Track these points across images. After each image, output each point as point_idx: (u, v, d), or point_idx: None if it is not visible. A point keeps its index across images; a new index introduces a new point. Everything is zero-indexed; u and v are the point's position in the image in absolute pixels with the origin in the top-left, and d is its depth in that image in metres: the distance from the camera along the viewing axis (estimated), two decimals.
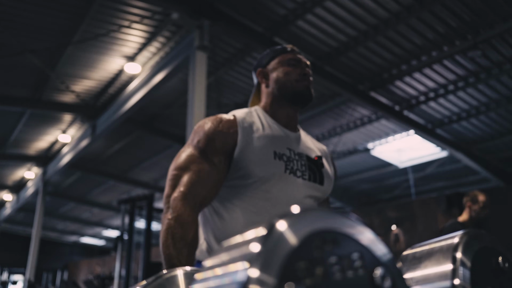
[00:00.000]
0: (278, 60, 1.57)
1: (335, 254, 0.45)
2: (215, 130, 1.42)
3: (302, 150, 1.54)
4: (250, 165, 1.39)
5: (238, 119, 1.46)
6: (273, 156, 1.41)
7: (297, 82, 1.53)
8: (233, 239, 0.47)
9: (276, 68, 1.56)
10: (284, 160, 1.43)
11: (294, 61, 1.56)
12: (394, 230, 9.29)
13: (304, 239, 0.43)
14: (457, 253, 0.66)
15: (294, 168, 1.45)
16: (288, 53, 1.57)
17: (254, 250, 0.41)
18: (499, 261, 0.69)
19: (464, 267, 0.65)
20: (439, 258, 0.67)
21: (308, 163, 1.51)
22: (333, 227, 0.47)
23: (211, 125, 1.44)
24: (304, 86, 1.54)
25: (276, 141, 1.46)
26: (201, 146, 1.40)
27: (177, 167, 1.37)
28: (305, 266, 0.42)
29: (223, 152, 1.40)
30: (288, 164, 1.44)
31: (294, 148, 1.51)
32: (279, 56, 1.57)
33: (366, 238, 0.49)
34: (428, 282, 0.66)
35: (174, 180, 1.34)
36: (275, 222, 0.44)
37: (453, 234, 0.70)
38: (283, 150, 1.46)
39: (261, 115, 1.55)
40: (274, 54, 1.59)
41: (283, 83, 1.54)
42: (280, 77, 1.54)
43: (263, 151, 1.41)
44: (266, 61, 1.60)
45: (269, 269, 0.40)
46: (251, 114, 1.53)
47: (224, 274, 0.42)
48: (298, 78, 1.53)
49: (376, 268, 0.47)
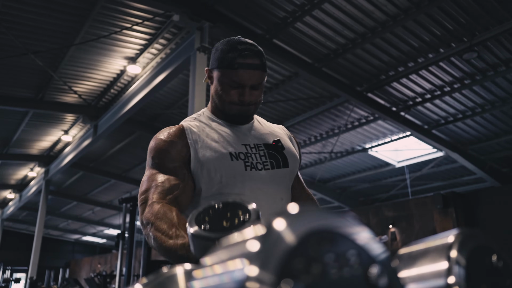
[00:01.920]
0: (221, 73, 1.42)
1: (332, 252, 0.45)
2: (165, 142, 1.40)
3: (258, 140, 1.50)
4: (210, 173, 1.37)
5: (185, 128, 1.44)
6: (230, 158, 1.39)
7: (231, 105, 1.45)
8: (232, 238, 0.48)
9: (217, 82, 1.45)
10: (242, 158, 1.41)
11: (236, 84, 1.41)
12: (391, 229, 9.38)
13: (302, 238, 0.44)
14: (452, 251, 0.66)
15: (254, 163, 1.42)
16: (233, 71, 1.39)
17: (253, 248, 0.42)
18: (494, 259, 0.70)
19: (459, 265, 0.64)
20: (435, 256, 0.67)
21: (267, 150, 1.48)
22: (331, 226, 0.47)
23: (160, 138, 1.41)
24: (237, 110, 1.45)
25: (229, 141, 1.44)
26: (157, 161, 1.37)
27: (142, 192, 1.31)
28: (302, 264, 0.42)
29: (180, 159, 1.38)
30: (247, 161, 1.41)
31: (250, 141, 1.47)
32: (224, 69, 1.41)
33: (362, 237, 0.49)
34: (423, 281, 0.66)
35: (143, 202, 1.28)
36: (274, 221, 0.44)
37: (448, 232, 0.70)
38: (238, 148, 1.43)
39: (209, 116, 1.53)
40: (222, 63, 1.42)
41: (218, 100, 1.47)
42: (218, 93, 1.46)
43: (219, 156, 1.38)
44: (214, 65, 1.45)
45: (267, 267, 0.40)
46: (199, 120, 1.51)
47: (223, 272, 0.43)
48: (233, 101, 1.44)
49: (372, 267, 0.48)
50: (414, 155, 11.16)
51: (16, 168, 14.95)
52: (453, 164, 11.03)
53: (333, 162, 11.91)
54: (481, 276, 0.67)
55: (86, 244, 27.64)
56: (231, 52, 1.40)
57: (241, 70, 1.39)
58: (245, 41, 1.43)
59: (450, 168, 11.52)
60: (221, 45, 1.45)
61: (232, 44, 1.42)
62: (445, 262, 0.65)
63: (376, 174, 12.54)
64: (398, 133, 10.00)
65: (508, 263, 0.72)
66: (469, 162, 10.10)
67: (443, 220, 8.65)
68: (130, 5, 6.72)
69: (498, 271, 0.69)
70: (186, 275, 0.60)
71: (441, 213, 8.74)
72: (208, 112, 1.55)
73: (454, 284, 0.62)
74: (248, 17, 6.75)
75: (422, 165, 11.40)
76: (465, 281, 0.63)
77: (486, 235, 0.71)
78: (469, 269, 0.65)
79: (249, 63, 1.39)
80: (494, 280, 0.69)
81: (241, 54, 1.39)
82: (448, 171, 11.81)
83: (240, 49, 1.40)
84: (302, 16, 6.53)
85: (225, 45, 1.43)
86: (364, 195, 14.44)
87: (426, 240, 0.73)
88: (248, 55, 1.40)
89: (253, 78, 1.41)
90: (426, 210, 9.02)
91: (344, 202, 14.07)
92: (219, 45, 1.46)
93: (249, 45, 1.42)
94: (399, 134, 10.03)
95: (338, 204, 14.09)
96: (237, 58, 1.39)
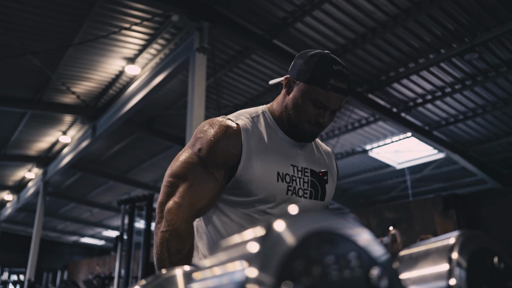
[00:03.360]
0: (309, 89, 1.35)
1: (332, 254, 0.45)
2: (217, 142, 1.33)
3: (307, 163, 1.46)
4: (252, 185, 1.33)
5: (242, 129, 1.37)
6: (276, 178, 1.36)
7: (307, 123, 1.39)
8: (231, 239, 0.47)
9: (301, 95, 1.37)
10: (287, 181, 1.38)
11: (321, 104, 1.35)
12: (391, 231, 9.34)
13: (302, 240, 0.44)
14: (453, 253, 0.66)
15: (296, 188, 1.39)
16: (323, 91, 1.33)
17: (253, 250, 0.41)
18: (495, 261, 0.70)
19: (460, 267, 0.64)
20: (436, 258, 0.67)
21: (312, 178, 1.45)
22: (331, 227, 0.47)
23: (214, 134, 1.34)
24: (310, 131, 1.41)
25: (280, 158, 1.40)
26: (202, 156, 1.32)
27: (173, 174, 1.30)
28: (302, 266, 0.42)
29: (224, 165, 1.34)
30: (290, 185, 1.38)
31: (298, 163, 1.44)
32: (314, 85, 1.34)
33: (363, 238, 0.49)
34: (424, 282, 0.66)
35: (170, 188, 1.27)
36: (274, 222, 0.44)
37: (449, 234, 0.70)
38: (286, 168, 1.39)
39: (269, 121, 1.46)
40: (313, 79, 1.34)
41: (294, 114, 1.39)
42: (297, 107, 1.38)
43: (266, 172, 1.35)
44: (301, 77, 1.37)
45: (267, 269, 0.40)
46: (257, 120, 1.44)
47: (222, 274, 0.43)
48: (311, 121, 1.38)
49: (372, 268, 0.48)
50: (414, 157, 11.16)
51: (14, 169, 14.91)
52: (454, 165, 11.05)
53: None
54: (482, 277, 0.68)
55: (85, 246, 27.60)
56: (325, 70, 1.34)
57: (332, 92, 1.33)
58: (340, 62, 1.38)
59: (450, 170, 11.53)
60: (313, 58, 1.38)
61: (327, 61, 1.36)
62: (446, 264, 0.65)
63: (377, 176, 12.56)
64: (398, 134, 10.01)
65: (509, 264, 0.72)
66: (470, 164, 10.11)
67: (444, 222, 8.61)
68: (128, 5, 6.70)
69: (499, 272, 0.70)
70: (185, 276, 0.61)
71: (442, 215, 8.70)
72: (269, 117, 1.48)
73: (455, 286, 0.62)
74: (248, 17, 6.73)
75: (423, 166, 11.42)
76: (466, 283, 0.64)
77: (487, 237, 0.72)
78: (470, 271, 0.65)
79: (340, 87, 1.34)
80: (495, 281, 0.69)
81: (335, 75, 1.34)
82: (448, 173, 11.82)
83: (335, 70, 1.34)
84: (302, 16, 6.52)
85: (318, 59, 1.37)
86: (365, 197, 14.44)
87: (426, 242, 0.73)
88: (341, 78, 1.35)
89: (339, 102, 1.37)
90: (427, 212, 8.99)
91: (345, 204, 14.09)
92: (309, 56, 1.39)
93: (342, 67, 1.37)
94: (400, 135, 10.04)
95: (339, 206, 14.12)
96: (331, 79, 1.33)
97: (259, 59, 7.66)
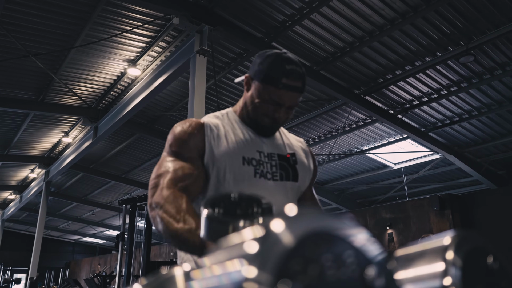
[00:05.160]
0: (263, 87, 1.41)
1: (329, 254, 0.45)
2: (185, 132, 1.42)
3: (273, 149, 1.52)
4: (219, 172, 1.39)
5: (205, 124, 1.46)
6: (241, 162, 1.42)
7: (263, 117, 1.46)
8: (230, 239, 0.48)
9: (257, 93, 1.44)
10: (254, 164, 1.43)
11: (275, 102, 1.42)
12: (388, 231, 9.43)
13: (299, 239, 0.44)
14: (448, 253, 0.66)
15: (264, 171, 1.44)
16: (276, 90, 1.39)
17: (252, 249, 0.42)
18: (489, 261, 0.70)
19: (455, 267, 0.65)
20: (431, 258, 0.68)
21: (280, 161, 1.50)
22: (328, 228, 0.47)
23: (180, 128, 1.44)
24: (269, 123, 1.47)
25: (245, 146, 1.45)
26: (174, 149, 1.40)
27: (154, 176, 1.34)
28: (300, 265, 0.43)
29: (196, 151, 1.41)
30: (257, 168, 1.43)
31: (264, 150, 1.49)
32: (268, 84, 1.40)
33: (359, 238, 0.49)
34: (420, 282, 0.67)
35: (154, 188, 1.30)
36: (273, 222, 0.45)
37: (444, 234, 0.71)
38: (252, 154, 1.45)
39: (232, 118, 1.54)
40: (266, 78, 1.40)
41: (252, 110, 1.48)
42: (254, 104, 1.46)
43: (232, 157, 1.41)
44: (257, 76, 1.44)
45: (266, 268, 0.40)
46: (222, 119, 1.53)
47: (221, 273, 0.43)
48: (268, 115, 1.45)
49: (368, 268, 0.48)
50: (411, 157, 11.20)
51: (16, 169, 14.99)
52: (450, 166, 11.06)
53: (331, 164, 11.96)
54: (477, 277, 0.68)
55: (86, 245, 27.67)
56: (278, 70, 1.39)
57: (284, 90, 1.39)
58: (293, 61, 1.42)
59: (446, 170, 11.55)
60: (268, 58, 1.43)
61: (280, 61, 1.40)
62: (441, 263, 0.66)
63: (374, 176, 12.58)
64: (395, 135, 10.04)
65: (504, 264, 0.73)
66: (465, 165, 10.12)
67: (440, 221, 8.71)
68: (130, 8, 6.77)
69: (494, 272, 0.70)
70: (185, 276, 0.60)
71: (438, 215, 8.80)
72: (233, 115, 1.56)
73: (450, 285, 0.63)
74: (248, 20, 6.80)
75: (419, 167, 11.43)
76: (461, 283, 0.64)
77: (482, 237, 0.72)
78: (465, 270, 0.66)
79: (293, 85, 1.39)
80: (490, 281, 0.70)
81: (287, 75, 1.38)
82: (444, 173, 11.84)
83: (288, 70, 1.38)
84: (300, 19, 6.59)
85: (273, 59, 1.41)
86: (362, 197, 14.48)
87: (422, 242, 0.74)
88: (294, 77, 1.39)
89: (293, 100, 1.42)
90: (423, 212, 9.08)
91: (342, 204, 14.08)
92: (265, 56, 1.44)
93: (296, 66, 1.41)
94: (397, 136, 10.07)
95: (336, 206, 14.09)
96: (283, 78, 1.38)
97: None
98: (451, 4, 6.03)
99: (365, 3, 6.17)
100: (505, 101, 8.19)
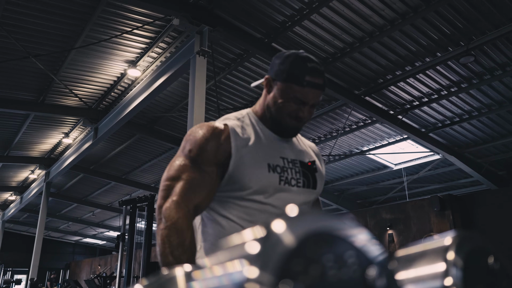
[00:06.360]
0: (287, 86, 1.43)
1: (330, 254, 0.45)
2: (207, 140, 1.39)
3: (295, 155, 1.53)
4: (244, 178, 1.38)
5: (230, 129, 1.44)
6: (267, 170, 1.41)
7: (288, 118, 1.46)
8: (231, 239, 0.47)
9: (280, 93, 1.45)
10: (278, 172, 1.43)
11: (299, 101, 1.43)
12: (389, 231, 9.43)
13: (301, 240, 0.44)
14: (449, 253, 0.66)
15: (288, 178, 1.45)
16: (300, 88, 1.41)
17: (253, 250, 0.42)
18: (490, 261, 0.71)
19: (456, 267, 0.65)
20: (432, 258, 0.68)
21: (302, 169, 1.51)
22: (329, 228, 0.47)
23: (202, 134, 1.41)
24: (292, 125, 1.48)
25: (269, 152, 1.46)
26: (193, 155, 1.38)
27: (168, 178, 1.35)
28: (301, 265, 0.43)
29: (215, 162, 1.39)
30: (282, 175, 1.44)
31: (288, 155, 1.50)
32: (291, 83, 1.42)
33: (360, 239, 0.49)
34: (421, 282, 0.67)
35: (166, 191, 1.32)
36: (274, 223, 0.45)
37: (445, 234, 0.71)
38: (276, 160, 1.45)
39: (254, 121, 1.53)
40: (289, 77, 1.42)
41: (276, 111, 1.47)
42: (277, 105, 1.46)
43: (257, 165, 1.40)
44: (279, 76, 1.45)
45: (267, 268, 0.40)
46: (243, 121, 1.51)
47: (222, 273, 0.43)
48: (292, 115, 1.45)
49: (369, 268, 0.48)
50: (411, 158, 11.19)
51: (17, 170, 14.99)
52: (450, 167, 11.06)
53: (331, 164, 11.96)
54: (478, 277, 0.68)
55: (86, 246, 27.67)
56: (301, 68, 1.41)
57: (308, 88, 1.41)
58: (313, 59, 1.45)
59: (447, 171, 11.55)
60: (288, 58, 1.45)
61: (301, 60, 1.43)
62: (442, 264, 0.66)
63: (374, 177, 12.58)
64: (395, 136, 10.04)
65: (505, 265, 0.73)
66: (466, 165, 10.12)
67: (440, 222, 8.71)
68: (130, 9, 6.78)
69: (494, 272, 0.71)
70: (186, 276, 0.59)
71: (438, 215, 8.80)
72: (254, 117, 1.55)
73: (451, 286, 0.63)
74: (248, 21, 6.80)
75: (419, 168, 11.42)
76: (462, 283, 0.64)
77: (483, 237, 0.73)
78: (466, 270, 0.66)
79: (316, 82, 1.41)
80: (490, 281, 0.70)
81: (310, 72, 1.41)
82: (445, 174, 11.84)
83: (310, 67, 1.41)
84: (300, 20, 6.59)
85: (293, 58, 1.44)
86: (362, 198, 14.47)
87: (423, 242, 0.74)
88: (316, 75, 1.42)
89: (316, 97, 1.44)
90: (423, 212, 9.08)
91: (342, 205, 14.07)
92: (284, 57, 1.46)
93: (316, 64, 1.44)
94: (397, 137, 10.07)
95: (336, 207, 14.08)
96: (306, 76, 1.40)
97: (258, 62, 7.75)
98: (451, 5, 6.03)
99: (365, 4, 6.17)
100: (505, 101, 8.19)
